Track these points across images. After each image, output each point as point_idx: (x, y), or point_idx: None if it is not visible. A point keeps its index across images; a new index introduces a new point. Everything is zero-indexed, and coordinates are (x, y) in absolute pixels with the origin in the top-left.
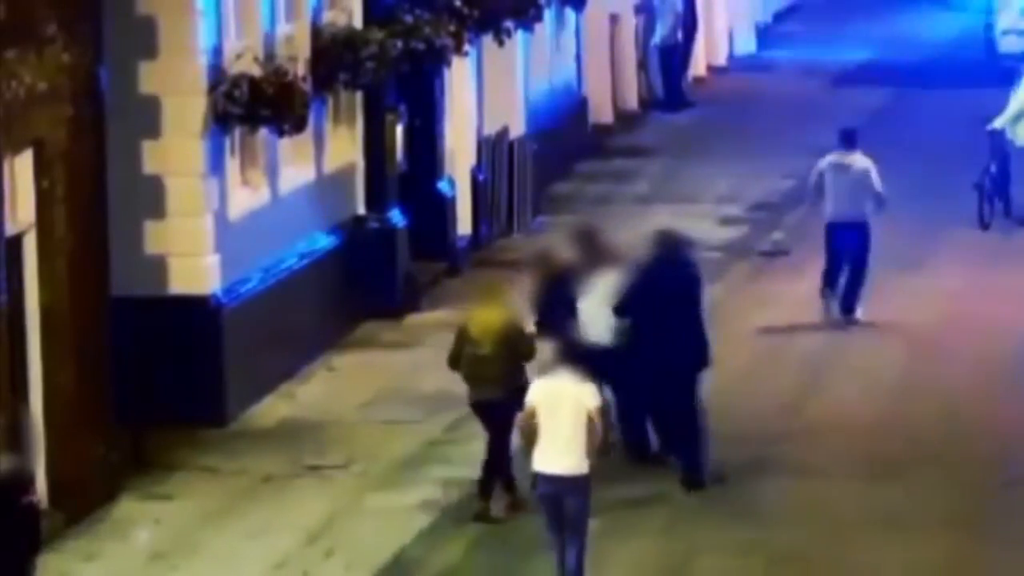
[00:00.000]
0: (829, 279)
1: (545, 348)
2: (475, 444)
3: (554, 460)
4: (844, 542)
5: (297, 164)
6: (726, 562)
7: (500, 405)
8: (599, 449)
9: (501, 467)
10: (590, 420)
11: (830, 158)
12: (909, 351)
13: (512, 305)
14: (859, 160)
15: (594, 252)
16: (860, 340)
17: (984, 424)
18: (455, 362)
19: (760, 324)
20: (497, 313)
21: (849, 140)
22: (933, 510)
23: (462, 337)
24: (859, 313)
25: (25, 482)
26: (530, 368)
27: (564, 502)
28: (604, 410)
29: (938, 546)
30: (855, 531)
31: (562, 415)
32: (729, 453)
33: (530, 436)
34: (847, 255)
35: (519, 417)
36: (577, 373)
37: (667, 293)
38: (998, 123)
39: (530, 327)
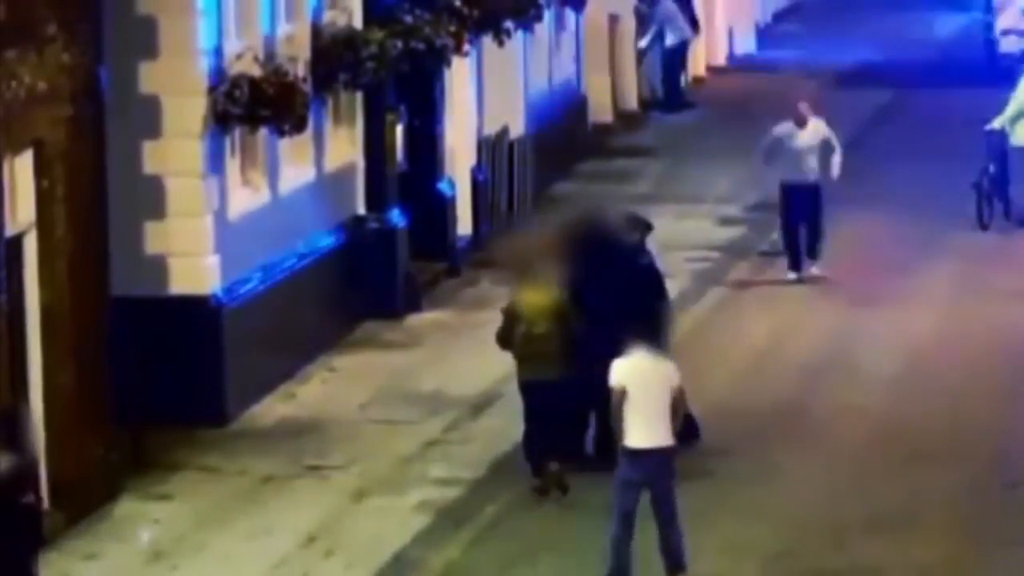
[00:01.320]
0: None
1: None
2: (475, 444)
3: (650, 436)
4: (844, 543)
5: (297, 164)
6: (725, 563)
7: (555, 384)
8: (676, 427)
9: (538, 449)
10: (674, 396)
11: None
12: (909, 352)
13: (555, 281)
14: None
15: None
16: (860, 341)
17: (984, 425)
18: (506, 341)
19: (759, 324)
20: (545, 290)
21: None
22: (933, 511)
23: (512, 317)
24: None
25: (25, 481)
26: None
27: (653, 479)
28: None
29: (938, 548)
30: (855, 532)
31: (651, 392)
32: (728, 453)
33: (620, 417)
34: None
35: (612, 400)
36: (654, 350)
37: (616, 277)
38: (997, 123)
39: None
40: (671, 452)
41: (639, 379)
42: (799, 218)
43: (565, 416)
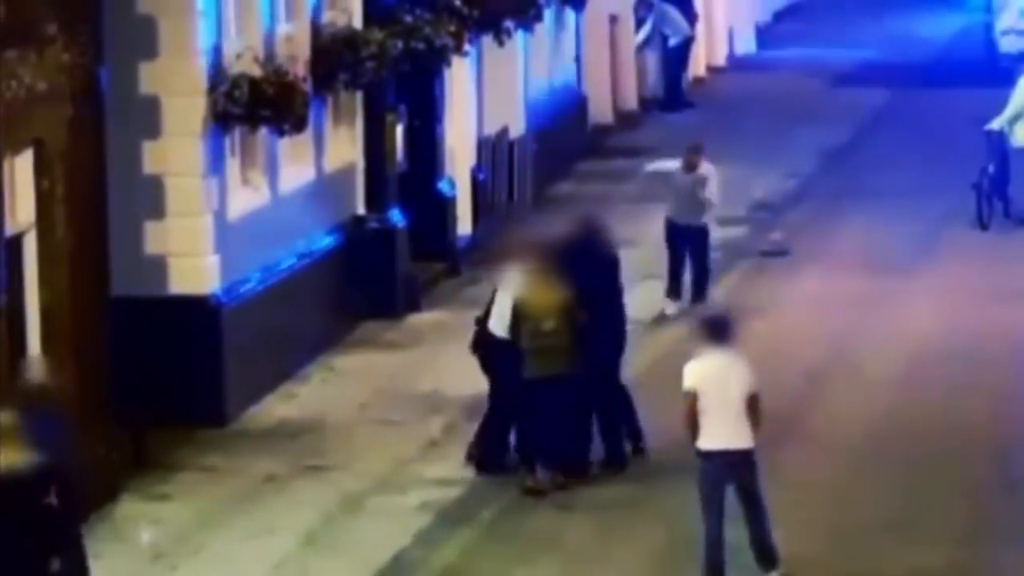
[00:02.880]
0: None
1: None
2: None
3: (725, 437)
4: (845, 546)
5: (297, 164)
6: (728, 564)
7: (567, 380)
8: (756, 426)
9: (538, 450)
10: (751, 396)
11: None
12: (909, 352)
13: (560, 279)
14: None
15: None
16: (860, 341)
17: (985, 426)
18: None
19: (760, 325)
20: (551, 286)
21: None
22: (934, 513)
23: (519, 314)
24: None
25: (49, 482)
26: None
27: (734, 479)
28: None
29: (940, 549)
30: (856, 535)
31: (727, 393)
32: None
33: (693, 421)
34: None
35: (684, 404)
36: (729, 349)
37: (584, 285)
38: (996, 124)
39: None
40: (745, 454)
41: (710, 381)
42: (682, 257)
43: (568, 415)
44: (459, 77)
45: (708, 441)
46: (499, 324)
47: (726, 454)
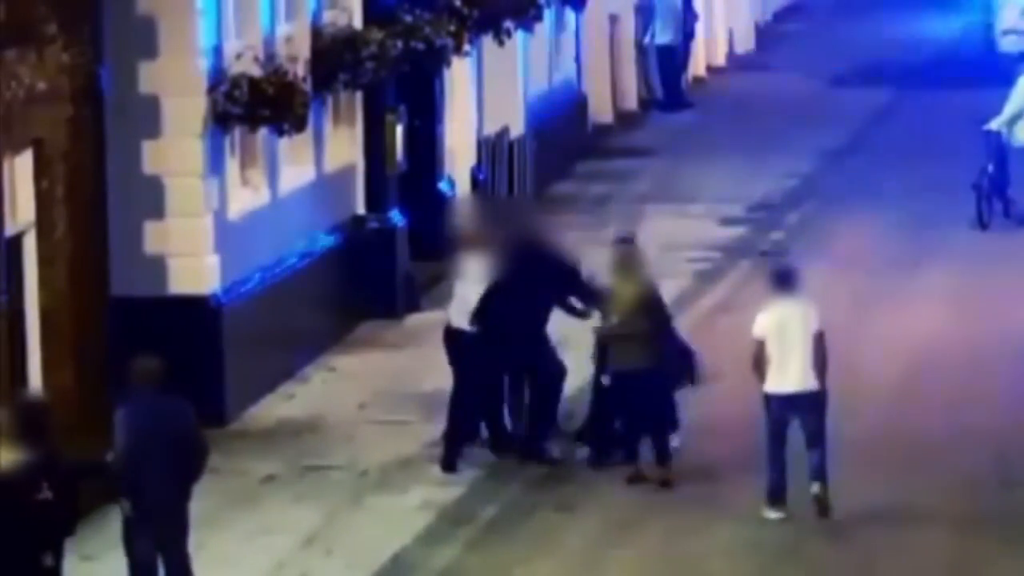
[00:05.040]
0: None
1: None
2: (474, 444)
3: (790, 380)
4: (845, 543)
5: (297, 164)
6: (727, 563)
7: (642, 374)
8: (821, 369)
9: (660, 435)
10: (815, 340)
11: None
12: (909, 351)
13: (648, 275)
14: None
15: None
16: (859, 341)
17: (984, 425)
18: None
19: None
20: (634, 282)
21: None
22: (933, 511)
23: (607, 302)
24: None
25: (39, 478)
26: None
27: (799, 420)
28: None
29: (939, 547)
30: (856, 532)
31: (793, 338)
32: (729, 454)
33: (760, 367)
34: None
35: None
36: (799, 296)
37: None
38: (995, 124)
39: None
40: (811, 395)
41: (777, 329)
42: None
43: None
44: (459, 77)
45: (776, 384)
46: (459, 314)
47: (794, 397)
